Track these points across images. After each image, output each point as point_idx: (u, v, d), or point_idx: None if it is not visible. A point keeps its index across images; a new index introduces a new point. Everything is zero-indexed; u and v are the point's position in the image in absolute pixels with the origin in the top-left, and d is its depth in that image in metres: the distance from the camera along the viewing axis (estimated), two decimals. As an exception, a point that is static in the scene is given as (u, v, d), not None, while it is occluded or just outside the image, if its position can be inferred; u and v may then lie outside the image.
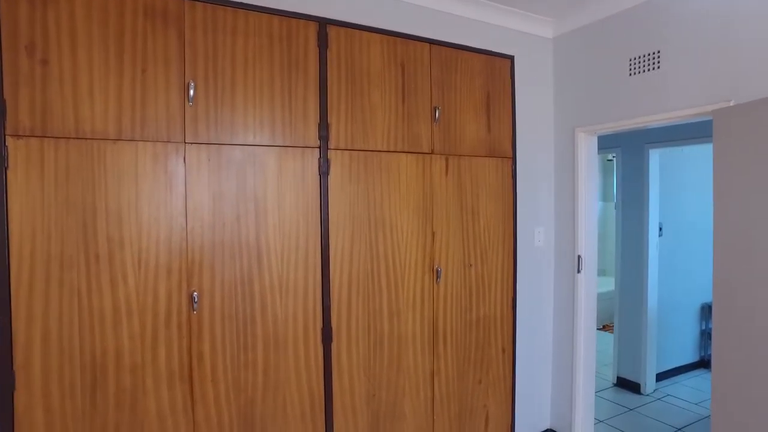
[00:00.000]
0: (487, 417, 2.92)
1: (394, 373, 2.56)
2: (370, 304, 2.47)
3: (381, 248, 2.49)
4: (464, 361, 2.80)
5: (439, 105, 2.67)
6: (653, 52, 2.58)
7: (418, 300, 2.61)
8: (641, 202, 3.97)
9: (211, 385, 2.10)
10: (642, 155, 3.93)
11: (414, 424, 2.63)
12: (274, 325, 2.23)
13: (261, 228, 2.20)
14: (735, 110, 2.13)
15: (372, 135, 2.47)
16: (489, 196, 2.85)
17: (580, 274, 3.00)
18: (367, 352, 2.47)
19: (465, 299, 2.78)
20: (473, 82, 2.80)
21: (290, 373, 2.27)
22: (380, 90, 2.49)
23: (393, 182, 2.53)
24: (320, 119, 2.33)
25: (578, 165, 2.98)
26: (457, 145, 2.73)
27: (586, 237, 2.99)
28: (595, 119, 2.88)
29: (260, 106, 2.18)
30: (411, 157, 2.58)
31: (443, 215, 2.68)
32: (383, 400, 2.53)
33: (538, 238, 3.11)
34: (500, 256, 2.91)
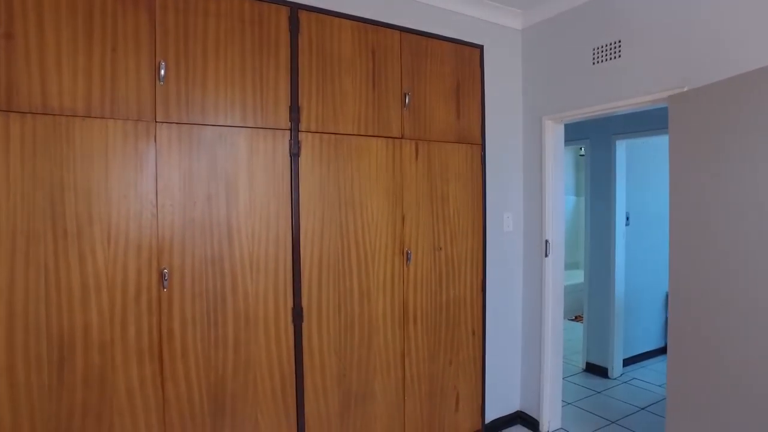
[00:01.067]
0: (458, 398, 2.99)
1: (365, 353, 2.60)
2: (340, 284, 2.51)
3: (351, 230, 2.54)
4: (435, 342, 2.86)
5: (410, 91, 2.73)
6: (614, 42, 2.68)
7: (388, 282, 2.66)
8: (609, 193, 4.09)
9: (182, 363, 2.12)
10: (609, 146, 4.06)
11: (385, 404, 2.68)
12: (245, 303, 2.26)
13: (232, 208, 2.22)
14: (687, 96, 2.24)
15: (343, 119, 2.51)
16: (458, 181, 2.92)
17: (547, 258, 3.09)
18: (338, 331, 2.51)
19: (435, 282, 2.84)
20: (443, 69, 2.87)
21: (261, 351, 2.30)
22: (351, 75, 2.54)
23: (363, 166, 2.58)
24: (291, 102, 2.36)
25: (545, 152, 3.07)
26: (426, 130, 2.79)
27: (554, 222, 3.08)
28: (561, 107, 2.98)
29: (231, 87, 2.21)
30: (381, 141, 2.63)
31: (413, 199, 2.74)
32: (354, 379, 2.58)
33: (507, 223, 3.19)
34: (469, 240, 2.98)
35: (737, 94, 1.99)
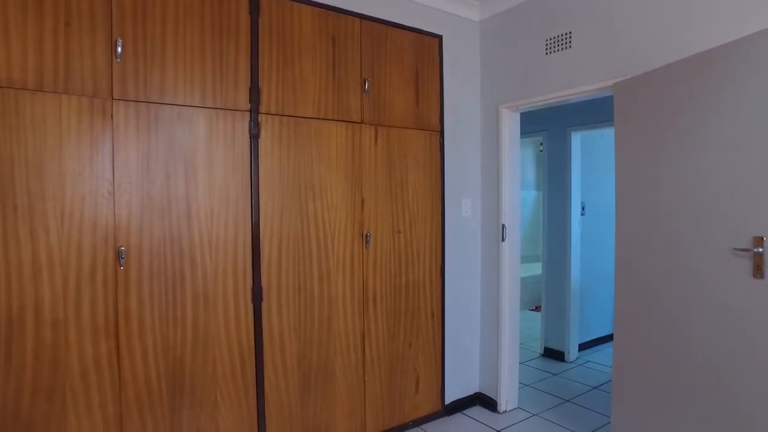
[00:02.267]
0: (418, 379, 3.05)
1: (325, 334, 2.64)
2: (300, 265, 2.54)
3: (311, 212, 2.57)
4: (394, 324, 2.92)
5: (369, 77, 2.78)
6: (565, 33, 2.80)
7: (348, 263, 2.70)
8: (565, 184, 4.24)
9: (139, 341, 2.12)
10: (565, 138, 4.21)
11: (345, 384, 2.73)
12: (204, 282, 2.26)
13: (191, 187, 2.23)
14: (629, 83, 2.37)
15: (303, 102, 2.55)
16: (417, 166, 3.00)
17: (504, 242, 3.19)
18: (297, 312, 2.54)
19: (394, 264, 2.90)
20: (403, 57, 2.93)
21: (220, 330, 2.31)
22: (311, 60, 2.58)
23: (323, 149, 2.62)
24: (251, 84, 2.38)
25: (502, 140, 3.17)
26: (386, 116, 2.86)
27: (510, 207, 3.18)
28: (517, 96, 3.09)
29: (191, 67, 2.22)
30: (341, 125, 2.68)
31: (372, 183, 2.80)
32: (314, 360, 2.61)
33: (465, 208, 3.28)
34: (428, 225, 3.06)
35: (670, 81, 2.13)
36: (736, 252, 1.83)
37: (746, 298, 1.80)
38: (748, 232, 1.79)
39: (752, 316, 1.78)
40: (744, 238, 1.81)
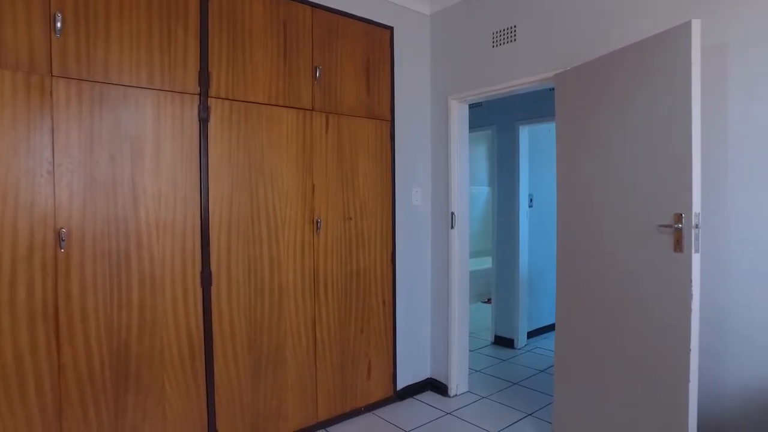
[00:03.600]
0: (370, 365, 3.10)
1: (276, 319, 2.64)
2: (251, 250, 2.54)
3: (262, 197, 2.58)
4: (346, 310, 2.96)
5: (321, 65, 2.81)
6: (511, 27, 2.92)
7: (298, 249, 2.72)
8: (513, 176, 4.39)
9: (81, 326, 2.06)
10: (513, 132, 4.36)
11: (297, 370, 2.74)
12: (151, 265, 2.23)
13: (137, 169, 2.19)
14: (567, 74, 2.50)
15: (253, 88, 2.55)
16: (368, 155, 3.04)
17: (453, 229, 3.28)
18: (248, 297, 2.53)
19: (345, 251, 2.94)
20: (354, 47, 2.98)
21: (168, 314, 2.28)
22: (262, 46, 2.58)
23: (274, 135, 2.62)
24: (201, 67, 2.37)
25: (451, 130, 3.27)
26: (337, 104, 2.89)
27: (459, 196, 3.28)
28: (465, 88, 3.19)
29: (137, 47, 2.18)
30: (292, 112, 2.69)
31: (323, 170, 2.82)
32: (265, 345, 2.61)
33: (415, 197, 3.35)
34: (379, 212, 3.11)
35: (596, 74, 2.27)
36: (660, 229, 1.97)
37: (668, 271, 1.94)
38: (669, 210, 1.93)
39: (673, 287, 1.92)
40: (666, 216, 1.95)
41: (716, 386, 2.11)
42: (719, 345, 2.10)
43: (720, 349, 2.10)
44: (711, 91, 2.07)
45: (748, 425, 2.03)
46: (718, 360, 2.10)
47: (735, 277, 2.05)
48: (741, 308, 2.05)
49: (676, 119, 1.91)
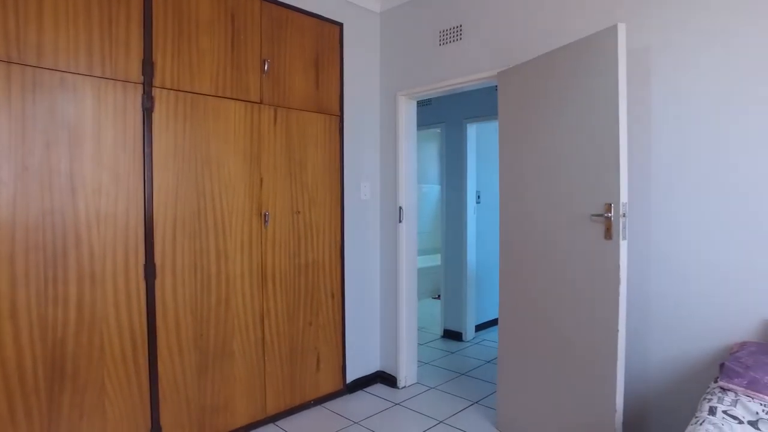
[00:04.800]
0: (319, 358, 3.11)
1: (223, 313, 2.61)
2: (197, 242, 2.50)
3: (208, 189, 2.54)
4: (294, 303, 2.95)
5: (269, 59, 2.80)
6: (457, 26, 3.01)
7: (246, 242, 2.70)
8: (461, 173, 4.51)
9: (10, 323, 1.97)
10: (461, 130, 4.48)
11: (245, 364, 2.71)
12: (91, 259, 2.15)
13: (75, 158, 2.11)
14: (509, 72, 2.61)
15: (200, 79, 2.51)
16: (317, 149, 3.06)
17: (401, 223, 3.34)
18: (194, 290, 2.49)
19: (294, 244, 2.94)
20: (303, 41, 2.98)
21: (109, 310, 2.21)
22: (209, 36, 2.55)
23: (221, 126, 2.59)
24: (144, 56, 2.31)
25: (399, 126, 3.33)
26: (286, 98, 2.89)
27: (407, 190, 3.35)
28: (413, 85, 3.26)
29: (74, 31, 2.10)
30: (240, 104, 2.67)
31: (271, 163, 2.81)
32: (212, 339, 2.57)
33: (364, 191, 3.39)
34: (328, 206, 3.13)
35: (535, 72, 2.39)
36: (592, 218, 2.10)
37: (599, 257, 2.07)
38: (600, 200, 2.06)
39: (603, 272, 2.05)
40: (598, 206, 2.08)
41: (641, 364, 2.27)
42: (644, 327, 2.25)
43: (644, 331, 2.26)
44: (637, 91, 2.23)
45: (668, 399, 2.19)
46: (643, 341, 2.26)
47: (656, 263, 2.22)
48: (662, 293, 2.21)
49: (604, 115, 2.04)
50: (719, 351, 2.04)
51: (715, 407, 1.53)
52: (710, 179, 2.07)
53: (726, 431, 1.38)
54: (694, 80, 2.10)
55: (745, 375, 1.66)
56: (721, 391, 1.66)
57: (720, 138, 2.04)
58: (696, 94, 2.10)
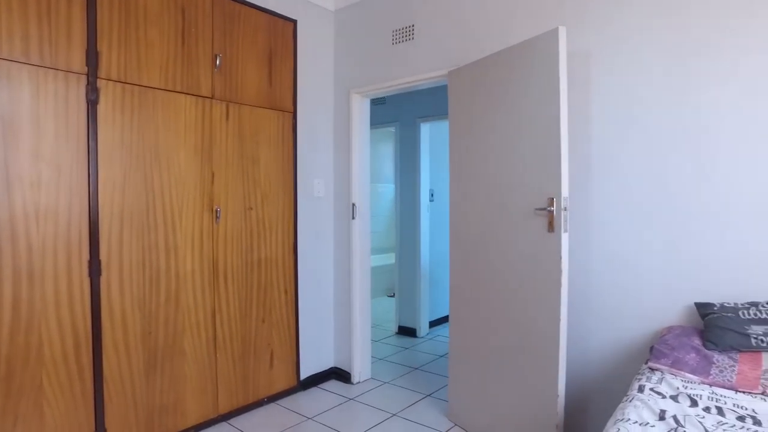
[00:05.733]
0: (272, 355, 3.09)
1: (173, 310, 2.56)
2: (145, 238, 2.44)
3: (157, 184, 2.49)
4: (247, 300, 2.93)
5: (222, 53, 2.77)
6: (409, 26, 3.08)
7: (197, 238, 2.66)
8: (415, 172, 4.59)
9: (-58, 321, 1.87)
10: (415, 129, 4.56)
11: (196, 362, 2.67)
12: (29, 256, 2.07)
13: (10, 150, 2.03)
14: (458, 72, 2.69)
15: (148, 72, 2.45)
16: (270, 145, 3.05)
17: (355, 220, 3.38)
18: (142, 287, 2.44)
19: (246, 241, 2.92)
20: (256, 37, 2.97)
21: (49, 308, 2.13)
22: (159, 28, 2.50)
23: (171, 121, 2.55)
24: (88, 45, 2.24)
25: (353, 123, 3.37)
26: (238, 93, 2.86)
27: (360, 187, 3.38)
28: (367, 83, 3.30)
29: (8, 15, 2.01)
30: (190, 98, 2.63)
31: (223, 158, 2.78)
32: (161, 337, 2.52)
33: (318, 188, 3.40)
34: (281, 203, 3.12)
35: (480, 72, 2.48)
36: (537, 212, 2.20)
37: (543, 249, 2.18)
38: (544, 195, 2.17)
39: (547, 263, 2.16)
40: (542, 200, 2.18)
41: (582, 350, 2.40)
42: (585, 314, 2.38)
43: (586, 318, 2.38)
44: (579, 92, 2.35)
45: (607, 382, 2.33)
46: (584, 327, 2.39)
47: (597, 254, 2.35)
48: (602, 282, 2.34)
49: (546, 114, 2.15)
50: (653, 335, 2.19)
51: (644, 385, 1.64)
52: (642, 175, 2.22)
53: (651, 405, 1.48)
54: (629, 83, 2.24)
55: (670, 355, 1.79)
56: (650, 371, 1.78)
57: (649, 134, 2.19)
58: (629, 96, 2.24)
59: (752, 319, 1.80)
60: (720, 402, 1.50)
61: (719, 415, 1.42)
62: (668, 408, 1.47)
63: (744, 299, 1.94)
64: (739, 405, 1.47)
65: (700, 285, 2.09)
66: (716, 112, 2.04)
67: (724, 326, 1.82)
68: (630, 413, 1.45)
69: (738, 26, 1.99)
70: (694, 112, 2.09)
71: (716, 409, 1.45)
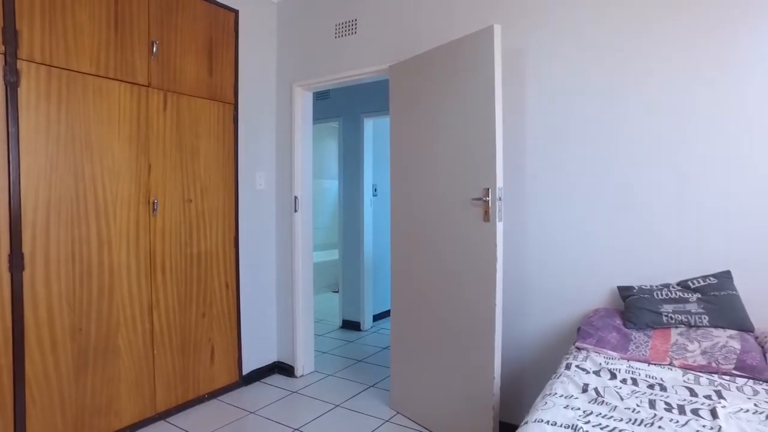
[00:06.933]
0: (213, 350, 3.03)
1: (106, 305, 2.46)
2: (75, 230, 2.33)
3: (88, 174, 2.38)
4: (186, 294, 2.86)
5: (159, 41, 2.68)
6: (352, 20, 3.10)
7: (132, 230, 2.56)
8: (358, 167, 4.62)
9: None
10: (359, 124, 4.59)
11: (131, 359, 2.57)
12: (-59, 248, 1.93)
13: None
14: (398, 66, 2.74)
15: (77, 56, 2.34)
16: (210, 137, 2.98)
17: (297, 213, 3.37)
18: (71, 282, 2.32)
19: (185, 233, 2.84)
20: (196, 26, 2.89)
21: (-35, 304, 1.99)
22: (88, 11, 2.38)
23: (104, 108, 2.44)
24: (5, 23, 2.10)
25: (295, 117, 3.35)
26: (177, 83, 2.78)
27: (302, 180, 3.37)
28: (309, 76, 3.30)
29: None
30: (125, 86, 2.53)
31: (161, 149, 2.70)
32: (93, 334, 2.41)
33: (259, 181, 3.36)
34: (221, 195, 3.06)
35: (417, 68, 2.55)
36: (473, 202, 2.29)
37: (479, 238, 2.27)
38: (480, 186, 2.26)
39: (483, 252, 2.25)
40: (478, 191, 2.27)
41: (518, 333, 2.52)
42: (520, 299, 2.50)
43: (521, 302, 2.50)
44: (514, 88, 2.47)
45: (540, 362, 2.46)
46: (520, 311, 2.51)
47: (532, 242, 2.47)
48: (536, 268, 2.47)
49: (483, 108, 2.24)
50: (582, 317, 2.33)
51: (571, 363, 1.75)
52: (573, 167, 2.36)
53: (576, 380, 1.59)
54: (561, 81, 2.37)
55: (595, 335, 1.92)
56: (576, 350, 1.90)
57: (581, 129, 2.33)
58: (562, 93, 2.37)
59: (664, 299, 1.96)
60: (635, 374, 1.63)
61: (633, 385, 1.54)
62: (591, 382, 1.58)
63: (659, 281, 2.11)
64: (650, 375, 1.61)
65: (623, 269, 2.25)
66: (636, 112, 2.20)
67: (642, 306, 1.98)
68: (557, 388, 1.55)
69: (653, 32, 2.15)
70: (623, 109, 2.24)
71: (631, 380, 1.57)
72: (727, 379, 1.57)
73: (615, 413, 1.34)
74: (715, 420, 1.27)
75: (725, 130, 2.03)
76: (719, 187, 2.04)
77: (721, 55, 2.02)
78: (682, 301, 1.93)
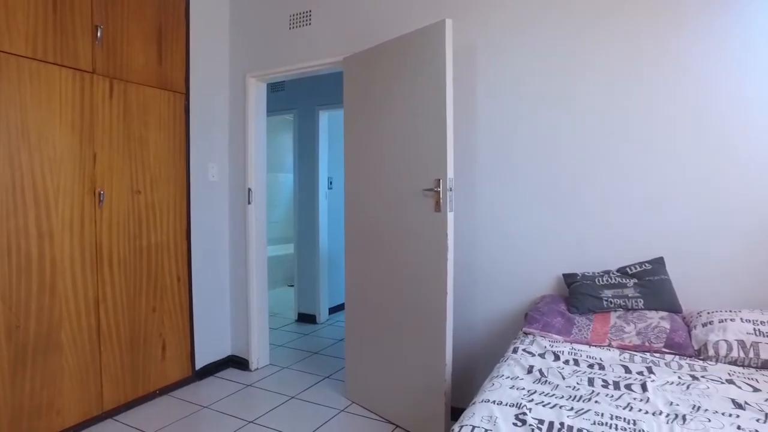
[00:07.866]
0: (164, 345, 2.96)
1: (48, 301, 2.36)
2: (12, 223, 2.22)
3: (26, 164, 2.27)
4: (135, 288, 2.78)
5: (103, 25, 2.58)
6: (306, 11, 3.08)
7: (76, 222, 2.47)
8: (313, 160, 4.60)
9: None
10: (314, 116, 4.57)
11: (75, 356, 2.48)
12: None
13: None
14: (352, 58, 2.76)
15: (11, 37, 2.22)
16: (160, 127, 2.90)
17: (251, 205, 3.33)
18: (8, 277, 2.21)
19: (134, 226, 2.76)
20: (143, 11, 2.79)
21: None
22: (24, -9, 2.27)
23: (43, 94, 2.33)
24: (-68, 2, 1.98)
25: (249, 108, 3.30)
26: (124, 70, 2.69)
27: (256, 172, 3.34)
28: (263, 67, 3.26)
29: None
30: (67, 71, 2.42)
31: (107, 139, 2.61)
32: (33, 331, 2.31)
33: (212, 172, 3.30)
34: (172, 187, 2.98)
35: (372, 61, 2.58)
36: (425, 192, 2.34)
37: (431, 228, 2.32)
38: (431, 177, 2.31)
39: (434, 241, 2.30)
40: (430, 182, 2.32)
41: (469, 320, 2.60)
42: (472, 287, 2.58)
43: (472, 291, 2.58)
44: (466, 83, 2.53)
45: (491, 347, 2.54)
46: (472, 299, 2.59)
47: (482, 231, 2.55)
48: (487, 257, 2.55)
49: (434, 100, 2.28)
50: (530, 303, 2.43)
51: (518, 347, 1.83)
52: (523, 158, 2.44)
53: (522, 362, 1.67)
54: (512, 74, 2.45)
55: (541, 320, 2.01)
56: (524, 335, 1.99)
57: (531, 122, 2.42)
58: (512, 87, 2.45)
59: (605, 284, 2.08)
60: (577, 355, 1.72)
61: (575, 365, 1.63)
62: (535, 363, 1.66)
63: (601, 269, 2.23)
64: (591, 356, 1.71)
65: (568, 257, 2.36)
66: (579, 109, 2.31)
67: (584, 292, 2.09)
68: (504, 370, 1.63)
69: (594, 30, 2.26)
70: (567, 106, 2.34)
71: (573, 361, 1.67)
72: (657, 356, 1.69)
73: (557, 391, 1.42)
74: (644, 393, 1.37)
75: (654, 128, 2.17)
76: (651, 180, 2.18)
77: (652, 57, 2.15)
78: (620, 287, 2.05)
